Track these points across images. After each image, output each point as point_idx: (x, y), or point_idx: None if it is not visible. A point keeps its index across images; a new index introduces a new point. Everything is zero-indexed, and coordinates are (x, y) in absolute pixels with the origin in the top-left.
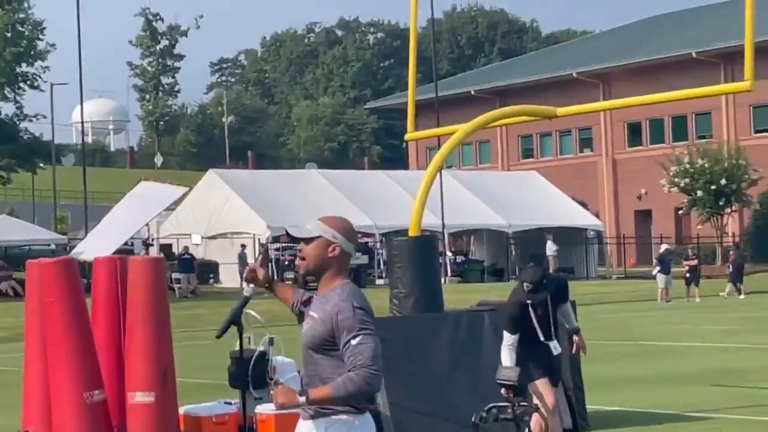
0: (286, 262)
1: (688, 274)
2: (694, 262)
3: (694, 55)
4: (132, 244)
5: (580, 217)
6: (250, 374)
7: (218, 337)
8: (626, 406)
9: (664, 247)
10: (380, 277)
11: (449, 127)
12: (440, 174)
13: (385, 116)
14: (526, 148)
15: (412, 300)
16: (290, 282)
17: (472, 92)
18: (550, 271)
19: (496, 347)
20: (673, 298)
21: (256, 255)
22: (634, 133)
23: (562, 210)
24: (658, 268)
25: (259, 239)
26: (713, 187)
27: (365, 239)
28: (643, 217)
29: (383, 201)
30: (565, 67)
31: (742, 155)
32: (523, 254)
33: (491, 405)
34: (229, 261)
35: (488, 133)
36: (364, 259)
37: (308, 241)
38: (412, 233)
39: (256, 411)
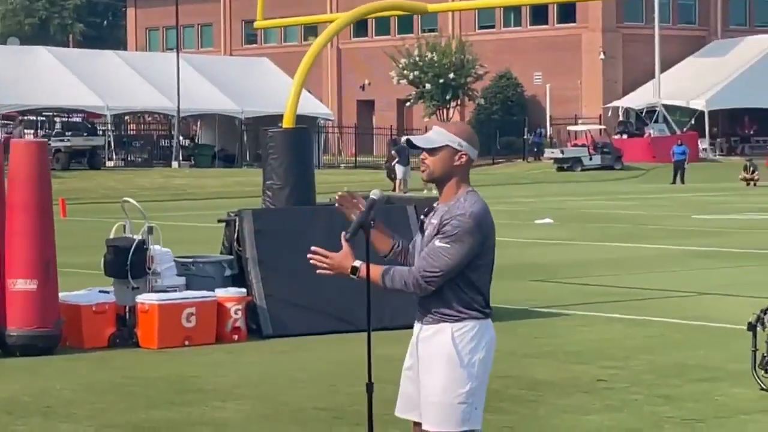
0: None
1: None
2: None
3: None
4: None
5: (312, 106)
6: (129, 263)
7: (348, 240)
8: None
9: (403, 138)
10: (110, 159)
11: (310, 16)
12: (177, 57)
13: None
14: (249, 33)
15: (287, 192)
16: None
17: None
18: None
19: None
20: (410, 190)
21: None
22: (360, 24)
23: None
24: (397, 159)
25: None
26: (441, 80)
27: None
28: (366, 107)
29: (114, 82)
30: None
31: (468, 50)
32: (255, 140)
33: None
34: None
35: (211, 15)
36: (99, 141)
37: (433, 150)
38: (286, 124)
39: (136, 300)
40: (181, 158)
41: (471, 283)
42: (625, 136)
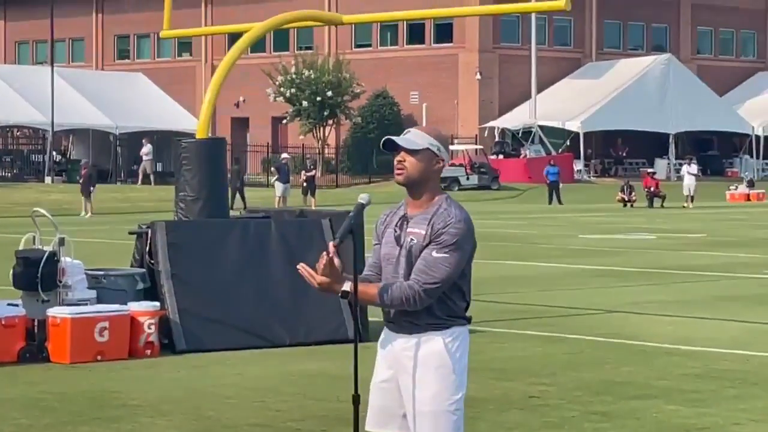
0: None
1: (305, 184)
2: (313, 173)
3: None
4: None
5: (186, 122)
6: (40, 275)
7: (337, 245)
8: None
9: (284, 156)
10: None
11: (224, 26)
12: (51, 71)
13: None
14: (122, 49)
15: (200, 204)
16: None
17: None
18: (149, 174)
19: (282, 256)
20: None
21: None
22: (234, 40)
23: (168, 113)
24: (276, 176)
25: None
26: (318, 98)
27: None
28: (241, 124)
29: None
30: None
31: (346, 69)
32: (129, 156)
33: None
34: None
35: (83, 30)
36: None
37: (414, 152)
38: (200, 135)
39: (48, 314)
40: (54, 174)
41: (459, 289)
42: (501, 157)
